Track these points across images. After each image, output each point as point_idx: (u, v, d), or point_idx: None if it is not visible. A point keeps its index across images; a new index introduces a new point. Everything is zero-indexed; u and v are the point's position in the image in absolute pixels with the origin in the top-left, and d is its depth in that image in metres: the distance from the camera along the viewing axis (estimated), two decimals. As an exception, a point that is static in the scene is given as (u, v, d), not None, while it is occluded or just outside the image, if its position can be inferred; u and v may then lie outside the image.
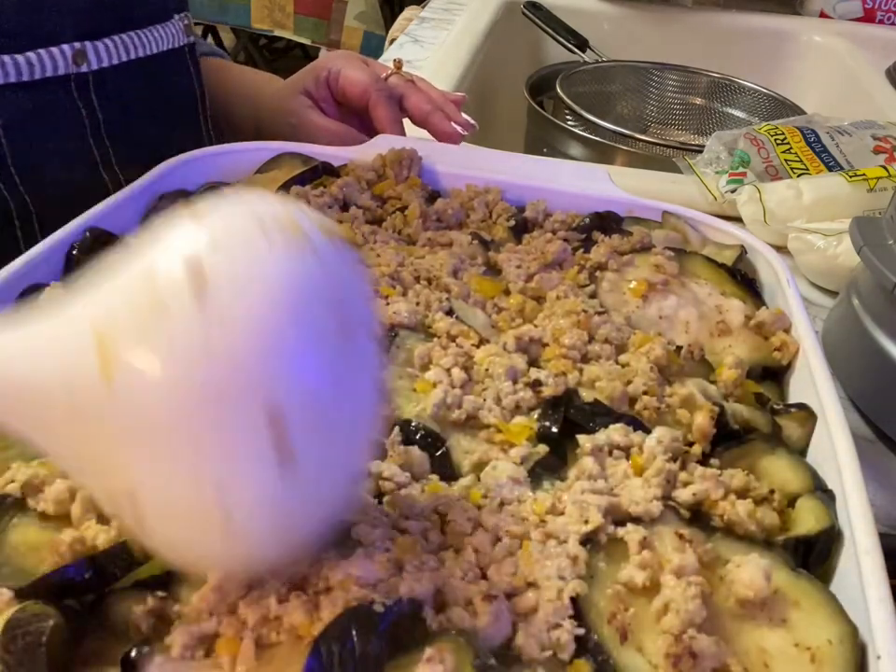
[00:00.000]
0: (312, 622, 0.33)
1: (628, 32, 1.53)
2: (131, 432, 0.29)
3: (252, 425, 0.29)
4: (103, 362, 0.28)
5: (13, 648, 0.31)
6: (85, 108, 0.71)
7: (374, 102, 0.81)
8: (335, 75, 0.83)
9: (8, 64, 0.64)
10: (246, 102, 0.90)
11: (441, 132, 0.81)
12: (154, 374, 0.28)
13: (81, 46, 0.69)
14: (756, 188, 0.87)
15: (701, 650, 0.33)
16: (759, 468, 0.45)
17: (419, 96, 0.83)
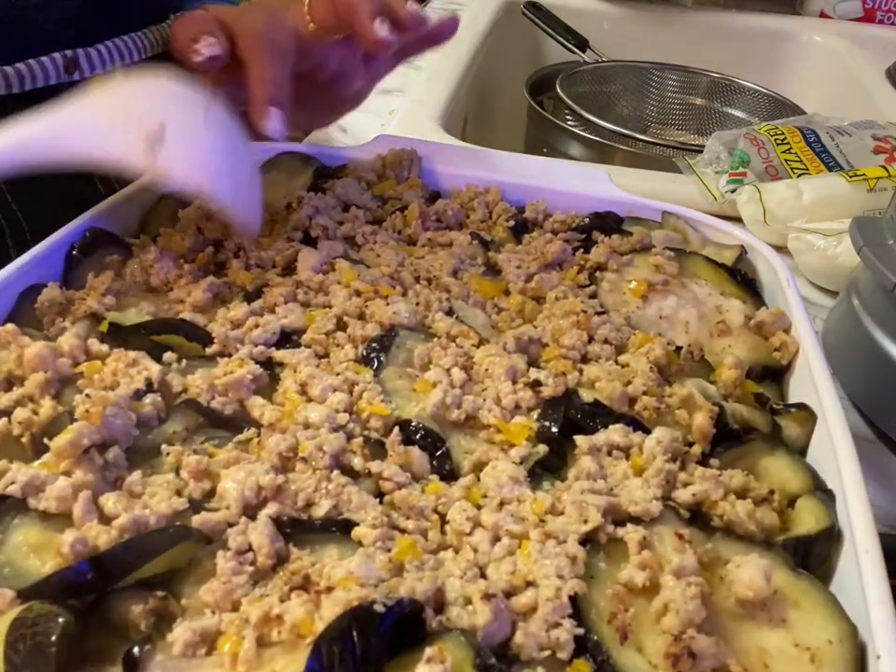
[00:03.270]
0: (313, 621, 0.33)
1: (628, 32, 1.53)
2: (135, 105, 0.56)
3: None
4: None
5: (20, 647, 0.31)
6: None
7: (248, 60, 0.65)
8: (240, 31, 0.67)
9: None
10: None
11: (360, 35, 0.63)
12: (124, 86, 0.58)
13: (73, 53, 0.67)
14: (756, 188, 0.87)
15: (700, 650, 0.33)
16: (759, 468, 0.45)
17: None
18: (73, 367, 0.46)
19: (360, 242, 0.61)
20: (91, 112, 0.55)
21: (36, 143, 0.54)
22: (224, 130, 0.59)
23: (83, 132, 0.54)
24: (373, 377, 0.47)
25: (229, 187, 0.58)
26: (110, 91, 0.56)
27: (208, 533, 0.37)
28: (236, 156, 0.60)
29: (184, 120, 0.56)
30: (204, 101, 0.58)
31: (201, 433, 0.44)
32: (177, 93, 0.58)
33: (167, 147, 0.54)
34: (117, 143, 0.54)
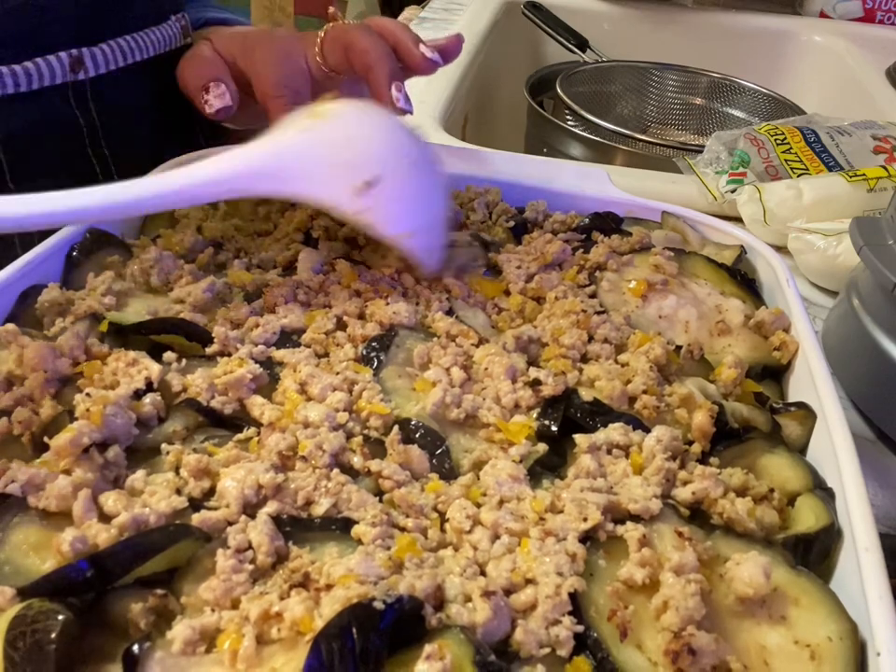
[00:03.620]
0: (312, 618, 0.33)
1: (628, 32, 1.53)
2: (356, 141, 0.55)
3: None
4: (316, 116, 0.55)
5: (20, 645, 0.31)
6: (83, 117, 0.71)
7: (270, 110, 0.67)
8: (250, 66, 0.70)
9: (6, 75, 0.63)
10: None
11: (377, 99, 0.65)
12: (348, 109, 0.56)
13: (79, 53, 0.68)
14: (756, 188, 0.87)
15: (700, 647, 0.33)
16: (758, 466, 0.45)
17: (365, 42, 0.66)
18: (73, 367, 0.46)
19: (361, 243, 0.61)
20: (311, 146, 0.53)
21: (249, 173, 0.52)
22: (430, 171, 0.57)
23: (300, 167, 0.52)
24: (373, 376, 0.47)
25: (428, 233, 0.56)
26: (332, 122, 0.54)
27: (208, 531, 0.37)
28: (438, 199, 0.59)
29: (396, 165, 0.54)
30: (415, 141, 0.56)
31: (201, 432, 0.44)
32: (391, 131, 0.56)
33: (376, 195, 0.52)
34: (328, 183, 0.52)
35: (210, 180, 0.51)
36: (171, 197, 0.51)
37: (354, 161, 0.53)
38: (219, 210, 0.63)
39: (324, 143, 0.53)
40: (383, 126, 0.55)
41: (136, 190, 0.50)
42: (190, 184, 0.51)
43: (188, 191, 0.51)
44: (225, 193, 0.53)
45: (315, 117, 0.54)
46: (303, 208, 0.63)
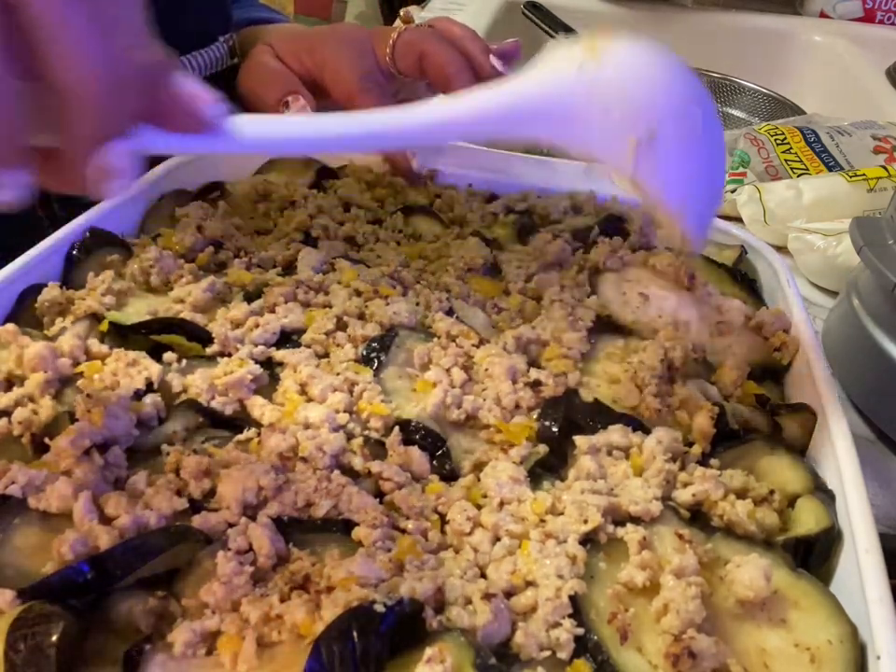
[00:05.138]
0: (313, 621, 0.33)
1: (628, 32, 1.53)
2: (639, 82, 0.46)
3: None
4: (592, 53, 0.45)
5: (21, 647, 0.31)
6: None
7: (360, 106, 0.69)
8: (319, 65, 0.72)
9: None
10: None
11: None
12: (628, 45, 0.46)
13: None
14: (756, 188, 0.87)
15: (700, 650, 0.33)
16: (759, 468, 0.45)
17: (442, 55, 0.68)
18: (73, 367, 0.46)
19: (361, 242, 0.61)
20: (589, 87, 0.45)
21: (524, 111, 0.46)
22: (714, 131, 0.50)
23: (578, 112, 0.45)
24: (373, 377, 0.47)
25: (704, 205, 0.50)
26: (611, 61, 0.45)
27: (208, 533, 0.37)
28: (719, 166, 0.52)
29: (680, 119, 0.46)
30: (702, 93, 0.48)
31: (201, 433, 0.44)
32: (676, 78, 0.47)
33: (655, 152, 0.45)
34: (605, 133, 0.46)
35: (481, 116, 0.46)
36: (436, 131, 0.46)
37: (634, 108, 0.45)
38: (219, 209, 0.63)
39: (602, 84, 0.45)
40: (667, 71, 0.47)
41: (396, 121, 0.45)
42: (457, 118, 0.45)
43: (454, 127, 0.46)
44: (492, 132, 0.47)
45: (591, 52, 0.46)
46: (303, 207, 0.63)
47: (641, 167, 0.46)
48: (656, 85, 0.47)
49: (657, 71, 0.47)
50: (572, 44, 0.47)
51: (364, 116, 0.44)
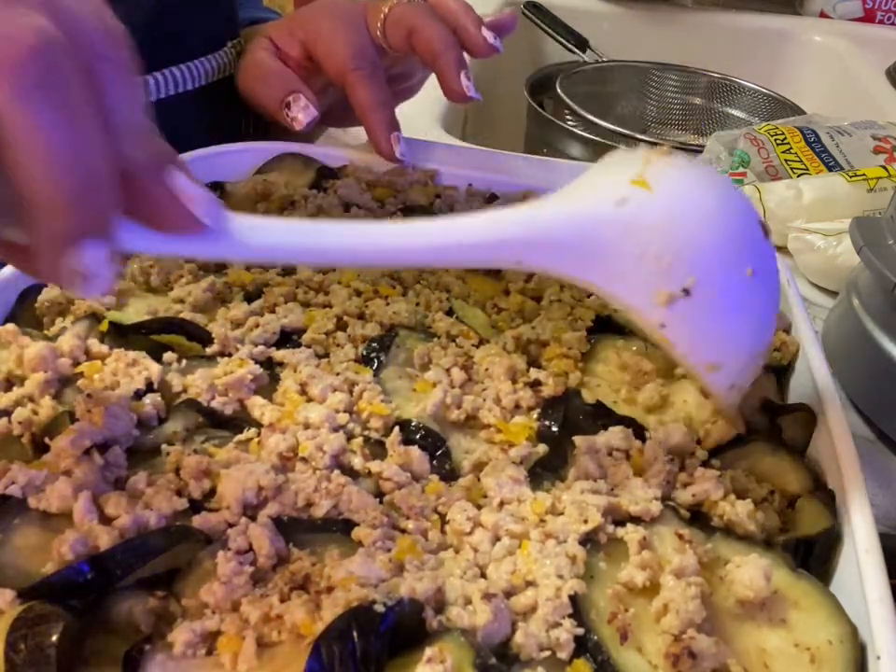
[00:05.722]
0: (313, 621, 0.33)
1: (628, 32, 1.53)
2: (680, 226, 0.40)
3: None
4: (638, 184, 0.40)
5: (21, 647, 0.31)
6: None
7: (350, 84, 0.67)
8: (313, 39, 0.69)
9: None
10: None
11: (447, 87, 0.67)
12: (678, 176, 0.41)
13: None
14: (756, 188, 0.87)
15: (700, 650, 0.33)
16: (759, 468, 0.45)
17: (431, 30, 0.66)
18: (73, 367, 0.46)
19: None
20: (624, 227, 0.39)
21: (540, 241, 0.40)
22: (769, 284, 0.43)
23: (605, 251, 0.40)
24: (373, 377, 0.47)
25: (742, 368, 0.43)
26: (657, 197, 0.39)
27: (208, 533, 0.37)
28: (767, 324, 0.44)
29: (728, 272, 0.40)
30: (762, 239, 0.42)
31: (201, 433, 0.44)
32: (733, 220, 0.41)
33: (689, 307, 0.39)
34: (633, 279, 0.40)
35: (501, 240, 0.40)
36: (450, 254, 0.41)
37: (673, 260, 0.39)
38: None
39: (643, 227, 0.39)
40: (723, 211, 0.41)
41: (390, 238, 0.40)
42: (473, 240, 0.40)
43: (469, 250, 0.40)
44: (510, 259, 0.42)
45: (638, 184, 0.40)
46: (303, 207, 0.62)
47: (670, 325, 0.40)
48: (705, 235, 0.40)
49: (712, 210, 0.41)
50: (626, 164, 0.41)
51: (374, 228, 0.41)
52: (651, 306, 0.40)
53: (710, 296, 0.40)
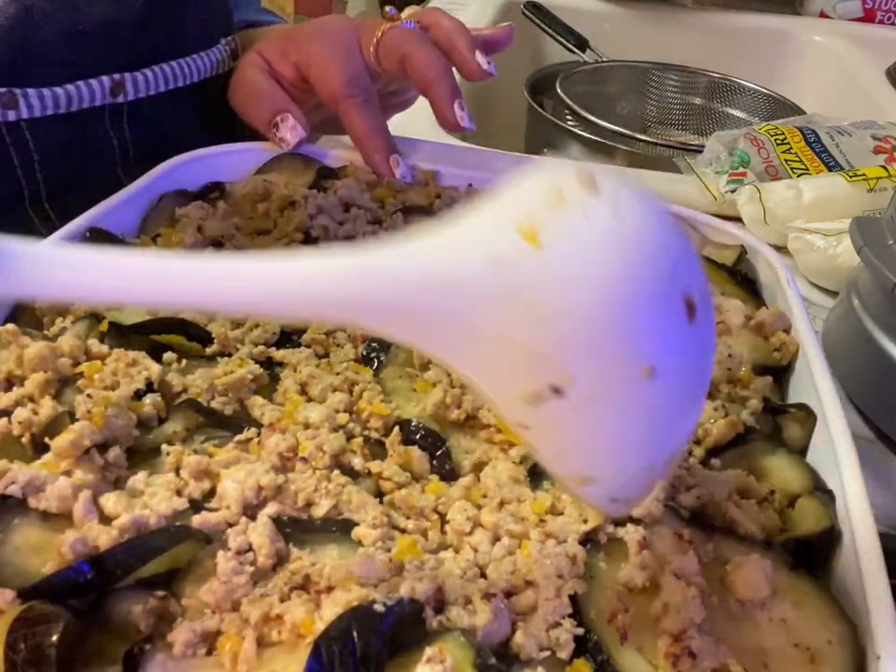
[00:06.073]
0: (313, 621, 0.33)
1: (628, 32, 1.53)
2: (563, 305, 0.29)
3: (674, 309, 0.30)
4: (527, 236, 0.29)
5: (20, 647, 0.31)
6: (116, 138, 0.70)
7: (344, 112, 0.67)
8: (306, 62, 0.69)
9: (48, 97, 0.63)
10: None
11: (441, 117, 0.67)
12: (584, 233, 0.29)
13: (121, 77, 0.67)
14: (756, 188, 0.87)
15: (700, 650, 0.33)
16: (759, 468, 0.45)
17: (423, 57, 0.66)
18: (73, 367, 0.46)
19: (361, 242, 0.61)
20: (489, 294, 0.29)
21: (373, 305, 0.30)
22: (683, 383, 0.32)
23: (462, 329, 0.30)
24: (373, 377, 0.47)
25: (625, 483, 0.34)
26: (548, 260, 0.29)
27: (208, 533, 0.37)
28: (674, 436, 0.34)
29: (609, 374, 0.30)
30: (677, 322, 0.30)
31: (201, 433, 0.44)
32: (628, 299, 0.29)
33: (559, 409, 0.30)
34: (494, 368, 0.30)
35: (305, 296, 0.31)
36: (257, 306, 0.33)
37: (550, 345, 0.29)
38: (219, 209, 0.63)
39: (511, 298, 0.29)
40: (631, 290, 0.29)
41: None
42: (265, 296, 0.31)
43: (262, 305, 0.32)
44: (324, 318, 0.38)
45: (526, 235, 0.29)
46: (303, 207, 0.62)
47: (533, 428, 0.31)
48: (595, 322, 0.29)
49: (610, 300, 0.29)
50: (536, 191, 0.31)
51: (181, 265, 0.32)
52: (512, 402, 0.31)
53: (589, 400, 0.30)
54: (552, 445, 0.32)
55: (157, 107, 0.72)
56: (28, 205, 0.67)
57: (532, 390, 0.30)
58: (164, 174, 0.65)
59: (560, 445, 0.32)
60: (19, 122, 0.63)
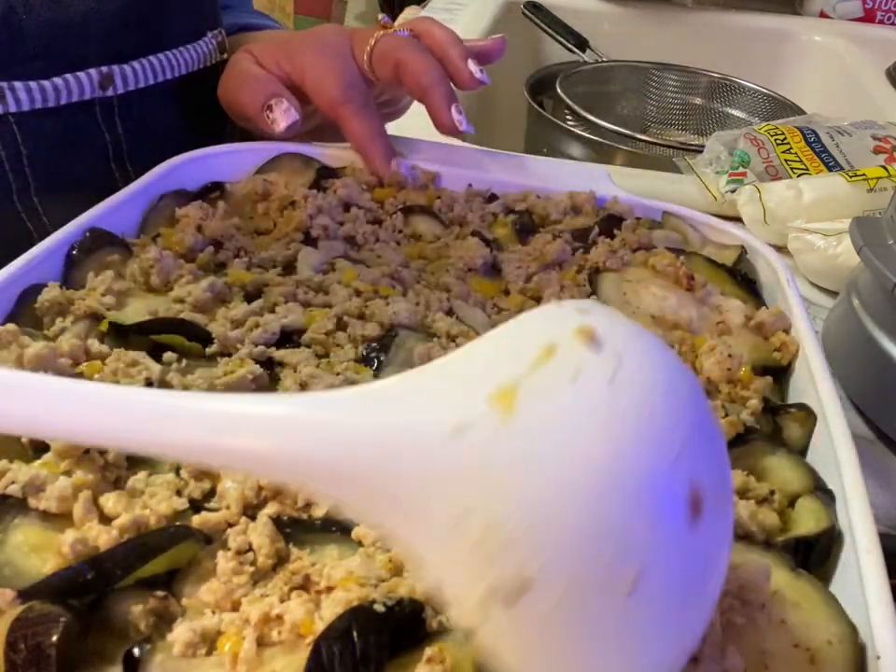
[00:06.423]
0: (313, 621, 0.33)
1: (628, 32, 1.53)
2: (529, 489, 0.24)
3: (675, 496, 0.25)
4: (503, 399, 0.25)
5: (21, 647, 0.31)
6: (108, 133, 0.70)
7: (342, 117, 0.67)
8: (300, 72, 0.69)
9: (35, 90, 0.63)
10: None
11: (438, 122, 0.68)
12: (562, 403, 0.25)
13: (109, 70, 0.68)
14: (756, 188, 0.87)
15: (701, 652, 0.33)
16: (759, 468, 0.45)
17: (418, 63, 0.66)
18: (73, 367, 0.46)
19: (360, 242, 0.61)
20: (434, 464, 0.25)
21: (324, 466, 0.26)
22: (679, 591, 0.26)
23: (419, 508, 0.26)
24: (373, 377, 0.47)
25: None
26: (522, 434, 0.25)
27: (208, 533, 0.37)
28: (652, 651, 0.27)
29: (578, 584, 0.24)
30: (676, 513, 0.25)
31: (201, 433, 0.44)
32: (612, 487, 0.24)
33: (508, 618, 0.25)
34: (436, 549, 0.26)
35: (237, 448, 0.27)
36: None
37: (507, 538, 0.24)
38: (219, 209, 0.63)
39: (467, 477, 0.25)
40: (616, 476, 0.24)
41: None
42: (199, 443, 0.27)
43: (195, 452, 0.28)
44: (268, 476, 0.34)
45: (500, 401, 0.25)
46: (303, 207, 0.63)
47: (483, 632, 0.26)
48: (566, 516, 0.24)
49: (585, 489, 0.24)
50: (526, 347, 0.27)
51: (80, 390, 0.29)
52: (462, 598, 0.26)
53: (548, 612, 0.24)
54: (502, 654, 0.26)
55: (147, 102, 0.72)
56: (16, 199, 0.67)
57: (484, 589, 0.24)
58: (164, 173, 0.65)
59: (513, 656, 0.26)
60: (6, 116, 0.63)
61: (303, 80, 0.69)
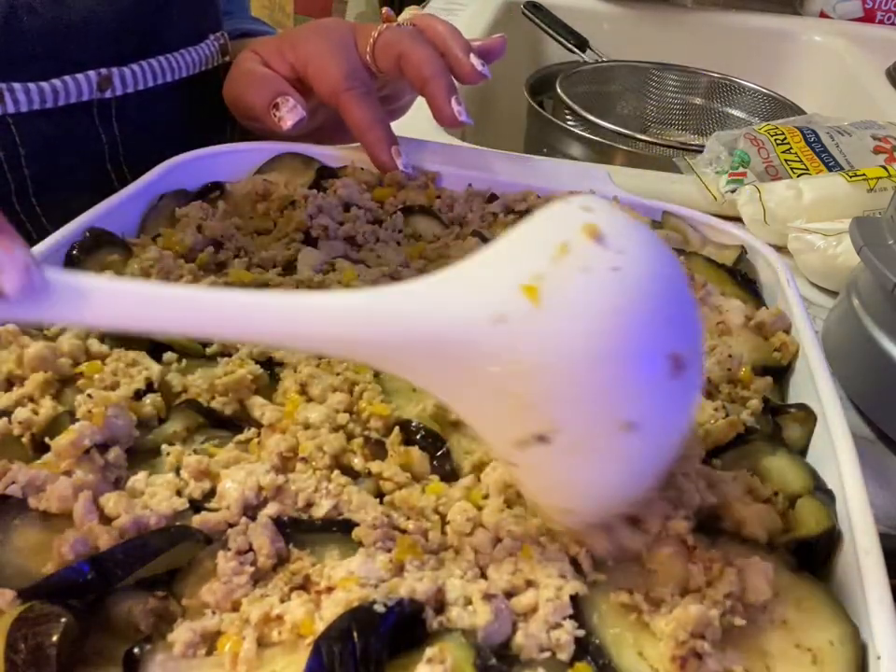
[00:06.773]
0: (313, 621, 0.33)
1: (628, 32, 1.53)
2: (553, 360, 0.31)
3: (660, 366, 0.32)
4: (529, 292, 0.31)
5: (21, 647, 0.31)
6: (105, 134, 0.70)
7: (344, 103, 0.67)
8: (303, 61, 0.70)
9: (34, 91, 0.63)
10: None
11: (438, 113, 0.68)
12: (580, 288, 0.32)
13: (108, 72, 0.68)
14: (756, 188, 0.87)
15: (705, 652, 0.33)
16: (760, 468, 0.45)
17: (419, 55, 0.67)
18: (73, 367, 0.46)
19: (361, 242, 0.61)
20: (486, 347, 0.32)
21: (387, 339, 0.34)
22: (659, 437, 0.35)
23: (458, 373, 0.34)
24: (373, 377, 0.47)
25: (597, 511, 0.37)
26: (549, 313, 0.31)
27: (208, 533, 0.37)
28: (640, 475, 0.36)
29: (590, 427, 0.33)
30: (660, 377, 0.32)
31: (201, 433, 0.44)
32: (611, 356, 0.32)
33: (539, 455, 0.33)
34: (479, 407, 0.34)
35: (324, 333, 0.35)
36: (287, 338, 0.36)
37: (538, 398, 0.32)
38: (219, 209, 0.63)
39: (508, 355, 0.32)
40: (615, 348, 0.32)
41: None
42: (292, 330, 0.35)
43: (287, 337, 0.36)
44: (335, 354, 0.41)
45: (528, 292, 0.31)
46: (303, 207, 0.62)
47: (520, 467, 0.35)
48: (581, 379, 0.32)
49: (595, 358, 0.32)
50: (544, 242, 0.33)
51: (209, 298, 0.35)
52: (502, 443, 0.35)
53: (571, 448, 0.33)
54: (536, 483, 0.37)
55: (145, 103, 0.72)
56: (15, 201, 0.67)
57: (520, 436, 0.33)
58: (164, 174, 0.65)
59: (543, 483, 0.36)
60: (5, 117, 0.63)
61: (306, 69, 0.69)
